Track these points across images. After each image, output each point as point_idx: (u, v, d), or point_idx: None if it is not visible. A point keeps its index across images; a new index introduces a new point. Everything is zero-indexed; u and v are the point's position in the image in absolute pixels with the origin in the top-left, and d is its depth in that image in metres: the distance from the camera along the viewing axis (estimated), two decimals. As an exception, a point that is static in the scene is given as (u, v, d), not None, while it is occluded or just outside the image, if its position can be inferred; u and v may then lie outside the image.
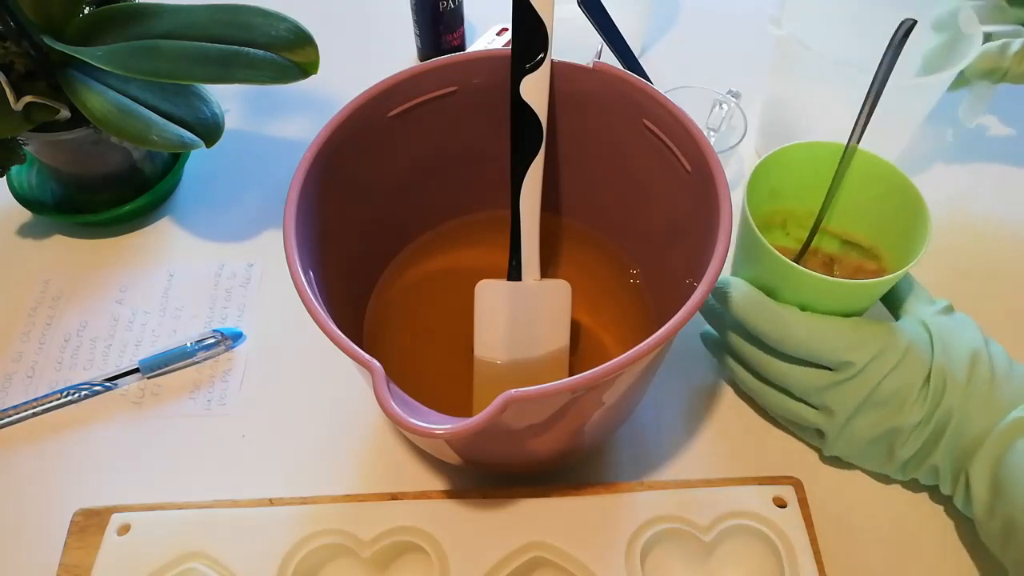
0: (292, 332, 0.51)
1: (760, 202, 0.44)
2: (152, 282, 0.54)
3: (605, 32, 0.50)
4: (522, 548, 0.39)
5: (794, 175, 0.44)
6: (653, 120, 0.40)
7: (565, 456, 0.41)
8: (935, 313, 0.42)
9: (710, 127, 0.57)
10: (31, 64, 0.47)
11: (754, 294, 0.41)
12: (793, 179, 0.44)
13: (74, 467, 0.46)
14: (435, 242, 0.50)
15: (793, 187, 0.44)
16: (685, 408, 0.47)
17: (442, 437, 0.32)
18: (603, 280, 0.48)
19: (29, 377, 0.49)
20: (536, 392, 0.29)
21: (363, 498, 0.42)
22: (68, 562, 0.40)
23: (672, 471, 0.45)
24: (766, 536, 0.40)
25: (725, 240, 0.34)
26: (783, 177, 0.44)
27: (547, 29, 0.39)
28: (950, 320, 0.41)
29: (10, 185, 0.55)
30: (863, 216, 0.44)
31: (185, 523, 0.41)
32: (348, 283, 0.43)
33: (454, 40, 0.66)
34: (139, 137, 0.47)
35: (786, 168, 0.43)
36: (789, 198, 0.45)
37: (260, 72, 0.48)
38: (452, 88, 0.42)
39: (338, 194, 0.40)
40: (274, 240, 0.56)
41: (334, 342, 0.32)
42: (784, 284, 0.40)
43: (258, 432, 0.47)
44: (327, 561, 0.40)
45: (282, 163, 0.60)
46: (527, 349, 0.43)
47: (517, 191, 0.42)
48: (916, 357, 0.39)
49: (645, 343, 0.31)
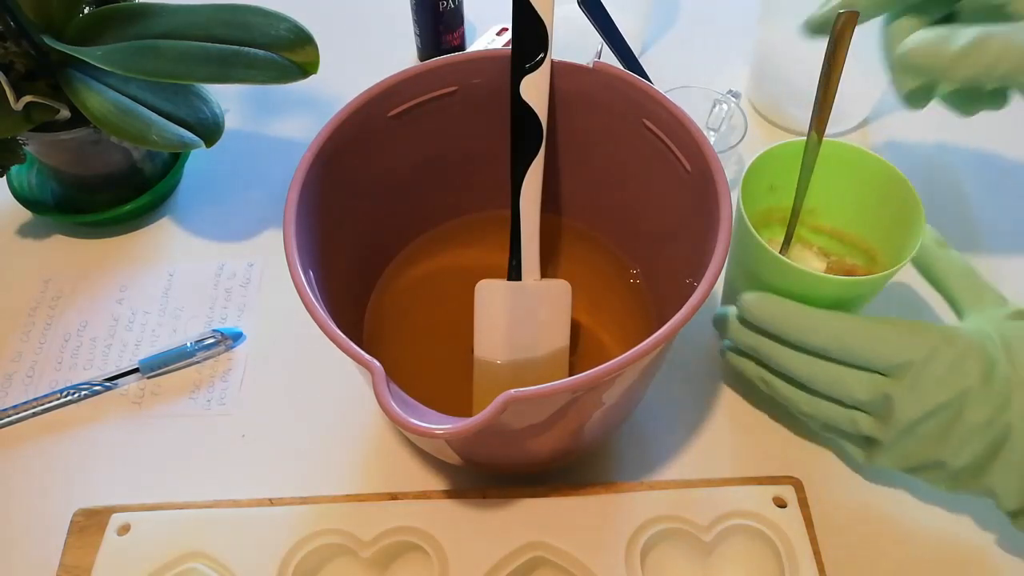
0: (292, 332, 0.51)
1: (759, 198, 0.43)
2: (152, 282, 0.54)
3: (605, 32, 0.50)
4: (522, 548, 0.39)
5: (794, 172, 0.43)
6: (653, 120, 0.40)
7: (565, 456, 0.41)
8: (1004, 317, 0.38)
9: (710, 127, 0.57)
10: (31, 64, 0.47)
11: (786, 304, 0.39)
12: (793, 176, 0.43)
13: (74, 467, 0.46)
14: (435, 242, 0.50)
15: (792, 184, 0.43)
16: (685, 408, 0.47)
17: (442, 437, 0.33)
18: (603, 280, 0.48)
19: (29, 377, 0.49)
20: (536, 392, 0.29)
21: (363, 498, 0.42)
22: (68, 562, 0.40)
23: (672, 471, 0.45)
24: (766, 536, 0.39)
25: (725, 240, 0.34)
26: (782, 173, 0.43)
27: (547, 29, 0.39)
28: (1019, 326, 0.38)
29: (10, 185, 0.55)
30: (856, 214, 0.44)
31: (185, 523, 0.41)
32: (348, 283, 0.43)
33: (454, 40, 0.66)
34: (139, 137, 0.47)
35: (785, 164, 0.43)
36: (789, 195, 0.44)
37: (260, 72, 0.48)
38: (452, 88, 0.42)
39: (338, 194, 0.40)
40: (274, 240, 0.56)
41: (334, 342, 0.32)
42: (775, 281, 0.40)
43: (258, 432, 0.47)
44: (327, 561, 0.40)
45: (282, 163, 0.60)
46: (527, 349, 0.43)
47: (517, 191, 0.42)
48: (976, 358, 0.36)
49: (645, 343, 0.31)
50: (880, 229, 0.43)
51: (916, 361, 0.36)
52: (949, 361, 0.36)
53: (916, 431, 0.37)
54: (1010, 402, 0.36)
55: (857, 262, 0.45)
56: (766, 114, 0.63)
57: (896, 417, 0.37)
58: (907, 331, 0.37)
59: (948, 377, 0.36)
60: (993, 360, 0.36)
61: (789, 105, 0.61)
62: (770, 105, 0.62)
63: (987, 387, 0.36)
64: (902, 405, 0.37)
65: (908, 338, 0.37)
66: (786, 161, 0.43)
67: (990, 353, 0.37)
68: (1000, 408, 0.36)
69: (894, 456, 0.39)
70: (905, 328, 0.37)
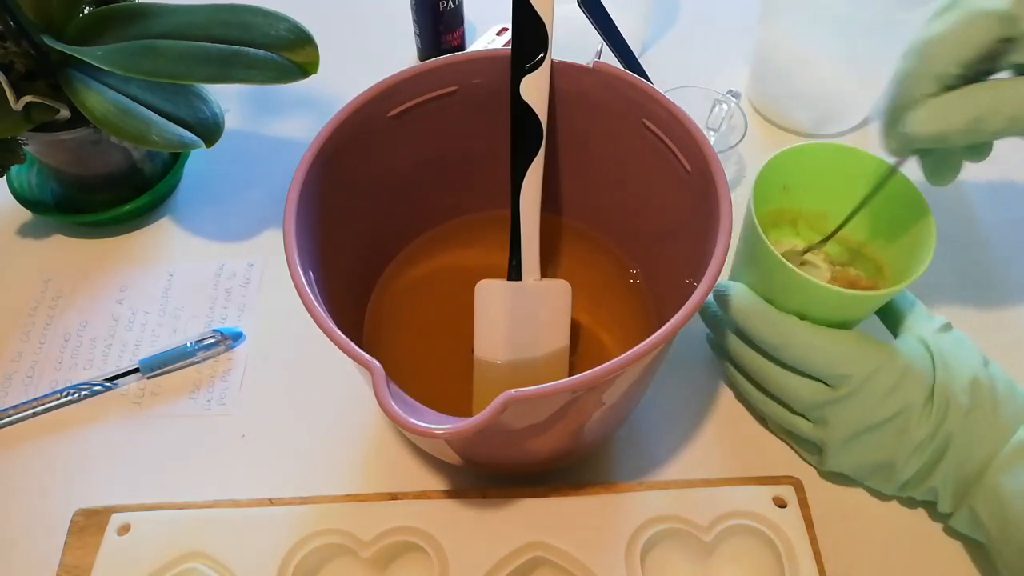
0: (292, 332, 0.51)
1: (771, 197, 0.43)
2: (152, 282, 0.54)
3: (605, 32, 0.50)
4: (522, 548, 0.39)
5: (810, 174, 0.43)
6: (653, 120, 0.40)
7: (565, 456, 0.41)
8: (934, 331, 0.41)
9: (710, 127, 0.57)
10: (31, 64, 0.47)
11: (755, 300, 0.41)
12: (808, 178, 0.43)
13: (74, 467, 0.46)
14: (435, 242, 0.50)
15: (807, 186, 0.44)
16: (685, 408, 0.47)
17: (442, 437, 0.33)
18: (603, 280, 0.48)
19: (29, 377, 0.49)
20: (536, 392, 0.29)
21: (363, 498, 0.42)
22: (68, 562, 0.40)
23: (672, 471, 0.45)
24: (766, 536, 0.39)
25: (725, 240, 0.34)
26: (798, 174, 0.43)
27: (547, 29, 0.39)
28: (950, 339, 0.40)
29: (10, 185, 0.55)
30: (869, 225, 0.44)
31: (185, 523, 0.41)
32: (348, 283, 0.43)
33: (454, 40, 0.66)
34: (139, 137, 0.47)
35: (802, 165, 0.42)
36: (802, 197, 0.44)
37: (260, 72, 0.48)
38: (452, 88, 0.42)
39: (338, 194, 0.40)
40: (274, 240, 0.56)
41: (334, 342, 0.32)
42: (778, 286, 0.40)
43: (258, 432, 0.47)
44: (327, 561, 0.40)
45: (282, 163, 0.60)
46: (527, 349, 0.43)
47: (517, 191, 0.42)
48: (917, 377, 0.38)
49: (645, 343, 0.31)
50: (890, 244, 0.43)
51: (856, 375, 0.38)
52: (893, 380, 0.38)
53: (860, 441, 0.40)
54: (948, 412, 0.38)
55: (861, 273, 0.44)
56: (766, 114, 0.63)
57: (833, 426, 0.40)
58: (854, 345, 0.39)
59: (892, 394, 0.38)
60: (932, 376, 0.39)
61: (789, 105, 0.61)
62: (770, 105, 0.62)
63: (928, 404, 0.38)
64: (839, 416, 0.39)
65: (853, 351, 0.39)
66: (802, 163, 0.43)
67: (929, 369, 0.39)
68: (940, 422, 0.38)
69: (840, 463, 0.42)
70: (853, 342, 0.39)
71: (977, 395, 0.38)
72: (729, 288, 0.42)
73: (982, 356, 0.40)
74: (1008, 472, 0.37)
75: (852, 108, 0.61)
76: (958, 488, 0.39)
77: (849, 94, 0.59)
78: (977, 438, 0.38)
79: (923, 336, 0.40)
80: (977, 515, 0.38)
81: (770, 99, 0.62)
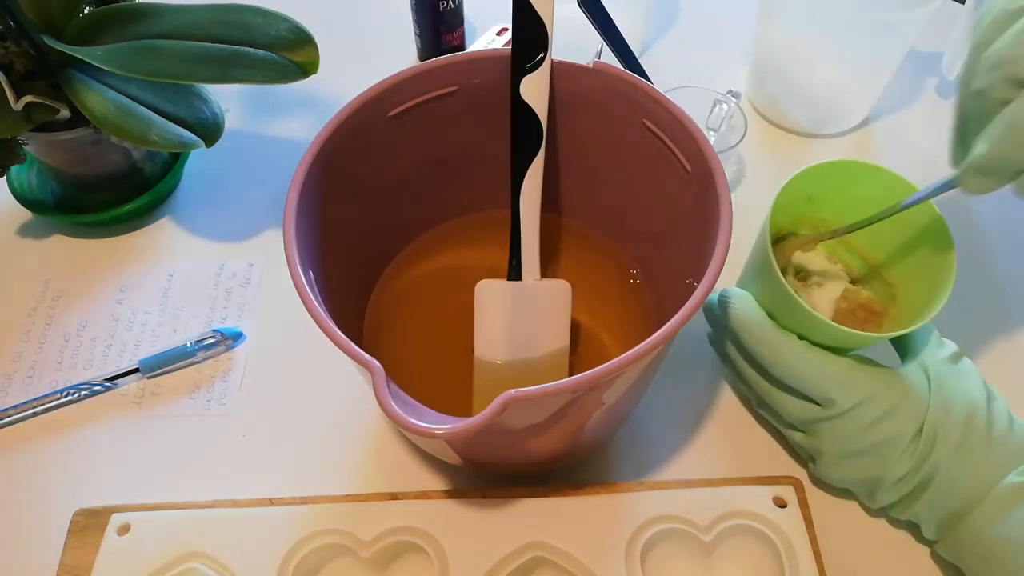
0: (292, 332, 0.51)
1: (795, 206, 0.43)
2: (152, 282, 0.54)
3: (605, 32, 0.50)
4: (522, 548, 0.39)
5: (837, 192, 0.42)
6: (653, 120, 0.40)
7: (565, 456, 0.41)
8: (941, 360, 0.40)
9: (710, 127, 0.57)
10: (31, 64, 0.47)
11: (755, 313, 0.40)
12: (835, 193, 0.42)
13: (74, 467, 0.46)
14: (435, 242, 0.50)
15: (833, 202, 0.43)
16: (685, 408, 0.47)
17: (442, 437, 0.33)
18: (603, 280, 0.48)
19: (29, 377, 0.49)
20: (536, 392, 0.29)
21: (363, 498, 0.42)
22: (68, 562, 0.40)
23: (672, 471, 0.45)
24: (766, 536, 0.40)
25: (725, 240, 0.34)
26: (825, 189, 0.42)
27: (547, 29, 0.39)
28: (955, 370, 0.39)
29: (10, 185, 0.55)
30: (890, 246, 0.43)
31: (185, 523, 0.41)
32: (348, 283, 0.43)
33: (454, 40, 0.66)
34: (139, 137, 0.47)
35: (830, 179, 0.42)
36: (827, 208, 0.44)
37: (260, 72, 0.48)
38: (452, 88, 0.42)
39: (338, 194, 0.40)
40: (274, 240, 0.56)
41: (334, 342, 0.32)
42: (781, 305, 0.40)
43: (258, 432, 0.47)
44: (327, 561, 0.40)
45: (282, 163, 0.60)
46: (527, 349, 0.43)
47: (517, 191, 0.42)
48: (910, 408, 0.38)
49: (645, 343, 0.31)
50: (909, 273, 0.42)
51: (843, 402, 0.38)
52: (883, 409, 0.38)
53: (847, 460, 0.40)
54: (935, 447, 0.38)
55: (874, 295, 0.44)
56: (766, 114, 0.63)
57: (823, 441, 0.40)
58: (847, 370, 0.39)
59: (880, 423, 0.38)
60: (926, 405, 0.38)
61: (789, 105, 0.61)
62: (770, 105, 0.62)
63: (917, 437, 0.38)
64: (828, 434, 0.39)
65: (844, 377, 0.39)
66: (832, 178, 0.42)
67: (925, 401, 0.38)
68: (925, 455, 0.38)
69: (829, 476, 0.42)
70: (845, 368, 0.39)
71: (970, 432, 0.37)
72: (732, 296, 0.41)
73: (986, 391, 0.39)
74: (993, 521, 0.36)
75: (852, 108, 0.61)
76: (943, 520, 0.38)
77: (849, 94, 0.59)
78: (963, 477, 0.37)
79: (927, 364, 0.39)
80: (961, 553, 0.38)
81: (770, 99, 0.62)
